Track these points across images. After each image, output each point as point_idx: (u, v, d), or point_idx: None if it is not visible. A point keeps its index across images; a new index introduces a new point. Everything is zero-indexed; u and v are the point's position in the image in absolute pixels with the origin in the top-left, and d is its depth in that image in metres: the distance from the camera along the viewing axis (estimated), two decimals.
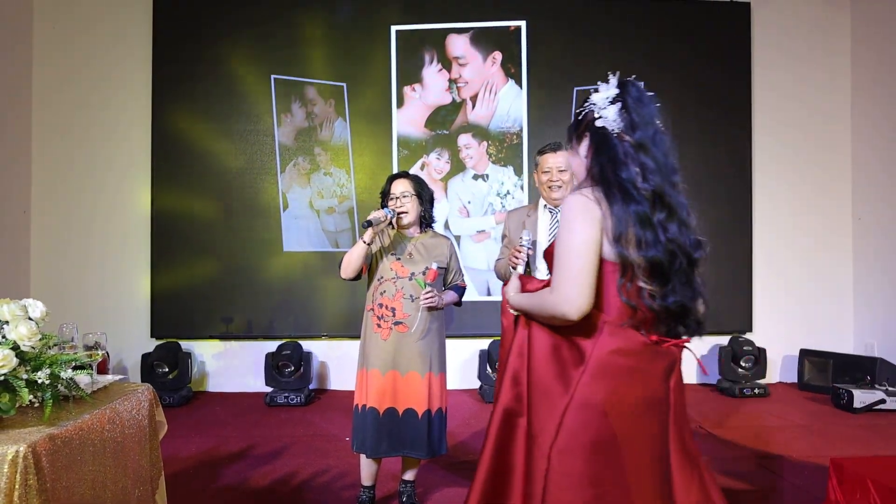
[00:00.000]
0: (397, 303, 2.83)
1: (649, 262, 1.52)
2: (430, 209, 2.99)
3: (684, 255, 1.57)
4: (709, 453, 3.82)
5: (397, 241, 2.93)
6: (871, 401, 4.77)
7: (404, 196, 2.89)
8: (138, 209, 5.52)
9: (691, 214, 1.63)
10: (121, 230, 5.54)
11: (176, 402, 4.97)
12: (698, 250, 1.62)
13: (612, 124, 1.61)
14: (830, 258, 6.00)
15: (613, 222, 1.52)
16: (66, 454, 1.68)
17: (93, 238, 5.52)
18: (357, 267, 2.83)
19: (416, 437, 2.80)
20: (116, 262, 5.54)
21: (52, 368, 1.71)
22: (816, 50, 6.00)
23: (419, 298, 2.83)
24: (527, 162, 5.73)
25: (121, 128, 5.55)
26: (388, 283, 2.86)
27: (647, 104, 1.65)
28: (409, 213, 2.90)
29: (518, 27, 5.76)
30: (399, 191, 2.90)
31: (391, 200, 2.91)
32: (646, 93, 1.67)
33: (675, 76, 5.81)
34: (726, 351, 5.50)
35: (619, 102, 1.63)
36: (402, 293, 2.83)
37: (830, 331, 5.93)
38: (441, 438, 2.89)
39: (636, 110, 1.62)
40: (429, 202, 2.97)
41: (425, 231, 3.00)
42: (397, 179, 2.95)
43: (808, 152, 5.99)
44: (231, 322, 5.52)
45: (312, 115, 5.64)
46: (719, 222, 5.74)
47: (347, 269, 2.83)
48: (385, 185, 2.98)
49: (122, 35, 5.55)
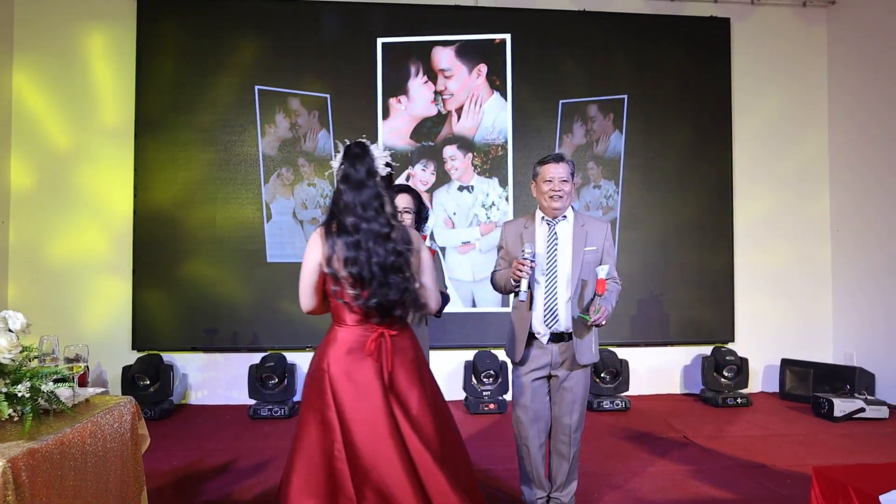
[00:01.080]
0: None
1: (351, 276, 2.06)
2: (423, 225, 2.98)
3: (379, 267, 2.06)
4: (692, 463, 3.85)
5: None
6: (850, 409, 4.83)
7: (406, 211, 2.86)
8: (120, 219, 5.46)
9: (391, 233, 2.10)
10: (102, 240, 5.47)
11: (157, 416, 4.90)
12: (394, 258, 2.08)
13: (336, 176, 2.19)
14: (810, 269, 6.09)
15: (326, 248, 2.09)
16: (45, 469, 1.65)
17: (73, 248, 5.44)
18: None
19: None
20: (97, 273, 5.46)
21: (32, 381, 1.68)
22: (794, 64, 6.12)
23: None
24: (511, 173, 5.76)
25: (103, 138, 5.48)
26: None
27: (362, 160, 2.16)
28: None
29: (503, 40, 5.81)
30: (401, 206, 2.84)
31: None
32: (368, 150, 2.19)
33: (656, 90, 5.90)
34: (709, 361, 5.55)
35: (343, 160, 2.19)
36: None
37: (811, 340, 6.00)
38: None
39: (351, 166, 2.15)
40: (424, 220, 2.97)
41: None
42: (401, 194, 2.88)
43: (786, 165, 6.09)
44: (214, 334, 5.46)
45: (296, 125, 5.63)
46: (700, 234, 5.81)
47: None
48: None
49: (107, 43, 5.50)
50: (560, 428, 2.91)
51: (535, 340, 2.86)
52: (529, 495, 3.00)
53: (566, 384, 2.85)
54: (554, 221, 2.88)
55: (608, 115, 5.89)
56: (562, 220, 2.88)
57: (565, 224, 2.88)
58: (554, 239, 2.86)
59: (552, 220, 2.88)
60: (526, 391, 2.89)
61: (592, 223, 2.91)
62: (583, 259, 2.82)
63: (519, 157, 5.78)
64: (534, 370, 2.87)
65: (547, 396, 2.93)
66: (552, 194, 2.81)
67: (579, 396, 2.87)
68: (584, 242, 2.84)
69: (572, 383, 2.85)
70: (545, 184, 2.83)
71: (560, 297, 2.81)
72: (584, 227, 2.87)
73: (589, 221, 2.91)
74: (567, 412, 2.87)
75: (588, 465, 3.82)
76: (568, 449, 2.90)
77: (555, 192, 2.80)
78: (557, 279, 2.82)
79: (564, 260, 2.83)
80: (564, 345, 2.83)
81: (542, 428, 2.92)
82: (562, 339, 2.83)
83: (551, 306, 2.81)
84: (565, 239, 2.86)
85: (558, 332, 2.83)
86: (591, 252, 2.84)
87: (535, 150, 5.78)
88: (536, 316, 2.83)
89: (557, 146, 5.82)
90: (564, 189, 2.81)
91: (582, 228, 2.87)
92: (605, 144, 5.88)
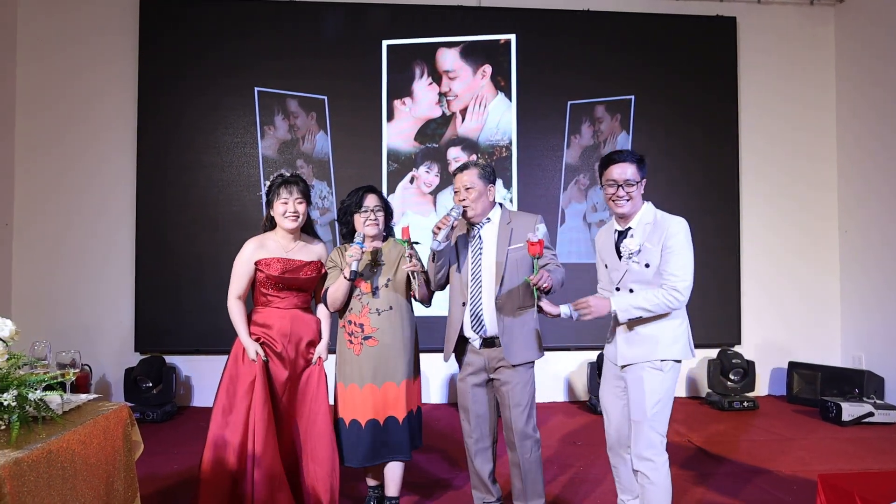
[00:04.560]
0: (364, 318, 2.89)
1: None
2: (390, 221, 3.07)
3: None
4: (696, 468, 3.80)
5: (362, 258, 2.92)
6: (859, 414, 4.77)
7: (377, 210, 2.94)
8: (122, 221, 5.46)
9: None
10: (105, 243, 5.47)
11: (159, 418, 4.90)
12: None
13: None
14: (818, 271, 6.01)
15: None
16: (32, 478, 1.63)
17: (76, 251, 5.45)
18: (343, 301, 2.92)
19: (398, 441, 2.88)
20: (100, 275, 5.46)
21: (19, 390, 1.67)
22: (801, 63, 6.05)
23: (386, 309, 2.87)
24: (516, 175, 5.73)
25: (105, 141, 5.49)
26: (354, 300, 2.92)
27: None
28: (380, 224, 2.94)
29: (508, 41, 5.78)
30: (373, 205, 2.93)
31: (363, 213, 2.91)
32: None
33: (662, 89, 5.85)
34: (715, 364, 5.49)
35: None
36: (368, 308, 2.89)
37: (819, 343, 5.93)
38: (416, 435, 2.98)
39: None
40: (391, 215, 3.06)
41: (386, 241, 3.04)
42: (369, 194, 2.96)
43: (794, 166, 6.02)
44: (217, 336, 5.43)
45: (295, 127, 5.62)
46: (707, 236, 5.73)
47: (335, 304, 2.93)
48: (351, 199, 2.97)
49: (107, 47, 5.50)
50: (507, 433, 2.85)
51: (469, 344, 2.86)
52: (478, 499, 3.00)
53: (504, 388, 2.81)
54: (479, 226, 2.85)
55: (615, 116, 5.84)
56: (486, 222, 2.85)
57: (489, 226, 2.85)
58: (478, 244, 2.84)
59: (475, 225, 2.85)
60: (465, 394, 2.89)
61: (520, 219, 2.85)
62: (507, 258, 2.77)
63: (523, 157, 5.74)
64: (471, 374, 2.87)
65: (489, 399, 2.90)
66: (459, 199, 2.81)
67: (521, 399, 2.77)
68: (508, 241, 2.79)
69: (510, 387, 2.79)
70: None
71: (485, 302, 2.78)
72: (510, 224, 2.83)
73: (517, 218, 2.87)
74: (509, 416, 2.81)
75: (590, 469, 3.78)
76: (517, 456, 2.81)
77: (460, 200, 2.80)
78: (482, 284, 2.79)
79: (489, 263, 2.80)
80: (496, 349, 2.80)
81: (484, 432, 2.90)
82: (493, 344, 2.80)
83: (477, 312, 2.79)
84: (489, 241, 2.83)
85: (487, 337, 2.80)
86: (516, 250, 2.77)
87: (539, 151, 5.75)
88: (466, 321, 2.82)
89: (566, 147, 5.78)
90: (470, 196, 2.77)
91: (507, 226, 2.82)
92: (613, 144, 5.84)
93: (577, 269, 5.19)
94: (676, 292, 2.49)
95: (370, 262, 2.93)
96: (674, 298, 2.49)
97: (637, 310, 2.50)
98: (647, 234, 2.55)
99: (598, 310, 2.51)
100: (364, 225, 2.90)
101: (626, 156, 2.60)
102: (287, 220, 2.93)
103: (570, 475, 3.69)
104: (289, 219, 2.93)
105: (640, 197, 2.60)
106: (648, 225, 2.56)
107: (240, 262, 2.94)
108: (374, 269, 2.91)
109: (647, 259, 2.54)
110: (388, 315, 2.88)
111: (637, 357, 2.57)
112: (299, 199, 2.94)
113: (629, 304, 2.51)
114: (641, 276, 2.55)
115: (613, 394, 2.71)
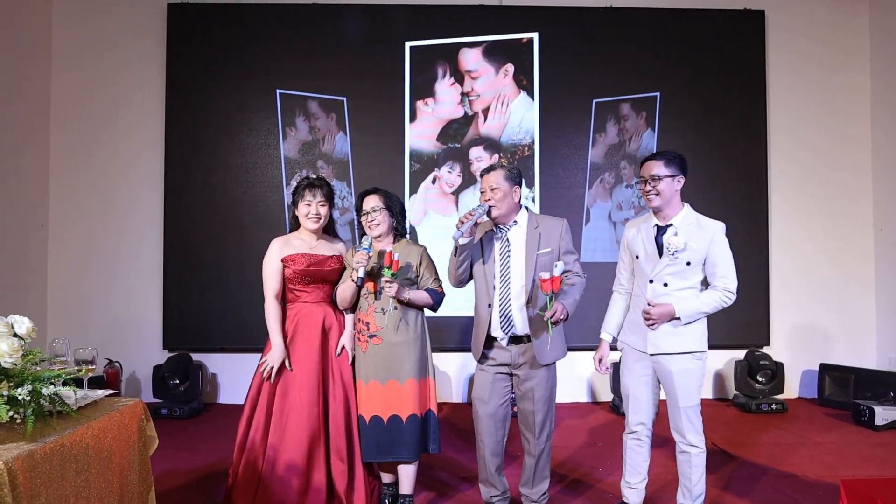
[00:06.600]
0: (370, 317, 2.97)
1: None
2: (403, 220, 3.10)
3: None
4: (717, 470, 3.73)
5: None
6: (893, 417, 4.63)
7: (374, 210, 2.99)
8: (151, 222, 5.60)
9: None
10: (135, 243, 5.62)
11: (186, 415, 5.01)
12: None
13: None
14: (851, 270, 5.84)
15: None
16: (45, 470, 1.69)
17: (108, 251, 5.61)
18: (351, 301, 3.05)
19: (403, 441, 2.91)
20: (130, 275, 5.61)
21: (34, 385, 1.73)
22: (833, 56, 5.88)
23: (391, 308, 2.91)
24: (538, 174, 5.70)
25: (135, 144, 5.64)
26: (362, 298, 3.02)
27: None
28: (381, 224, 3.00)
29: (530, 39, 5.75)
30: (369, 206, 3.00)
31: (363, 216, 3.01)
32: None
33: (688, 86, 5.75)
34: (742, 365, 5.38)
35: None
36: (374, 307, 2.97)
37: (852, 344, 5.76)
38: (431, 439, 3.00)
39: None
40: (400, 213, 3.08)
41: (398, 242, 3.07)
42: (367, 196, 3.04)
43: (826, 161, 5.85)
44: (243, 334, 5.54)
45: (315, 128, 5.69)
46: (734, 234, 5.52)
47: (342, 304, 3.07)
48: (356, 202, 3.09)
49: (136, 51, 5.65)
50: (525, 426, 2.94)
51: (496, 342, 2.90)
52: (485, 493, 3.03)
53: (527, 384, 2.87)
54: (505, 228, 2.88)
55: (640, 114, 5.77)
56: (513, 225, 2.89)
57: (517, 229, 2.89)
58: (506, 246, 2.87)
59: (502, 227, 2.89)
60: (484, 386, 2.93)
61: (547, 224, 2.89)
62: (536, 263, 2.81)
63: (545, 157, 5.71)
64: (493, 366, 2.91)
65: (507, 393, 2.94)
66: (484, 199, 2.85)
67: (542, 396, 2.87)
68: (537, 246, 2.84)
69: (534, 383, 2.86)
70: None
71: (514, 303, 2.84)
72: (538, 229, 2.86)
73: (544, 222, 2.90)
74: (530, 412, 2.88)
75: (608, 469, 3.75)
76: (533, 447, 2.92)
77: (486, 200, 2.84)
78: (511, 286, 2.84)
79: (517, 265, 2.84)
80: (524, 346, 2.85)
81: (498, 424, 2.93)
82: (521, 342, 2.86)
83: (506, 312, 2.84)
84: (518, 244, 2.87)
85: (515, 336, 2.85)
86: (545, 255, 2.82)
87: (562, 150, 5.71)
88: (494, 321, 2.86)
89: (591, 145, 5.74)
90: (495, 196, 2.81)
91: (535, 231, 2.86)
92: (638, 143, 5.77)
93: (601, 267, 5.16)
94: (729, 293, 2.77)
95: (377, 263, 2.96)
96: (728, 299, 2.78)
97: (699, 314, 2.78)
98: (691, 234, 2.75)
99: (663, 317, 2.76)
100: (366, 227, 3.00)
101: (657, 155, 2.82)
102: (309, 221, 3.06)
103: (590, 474, 3.67)
104: (311, 220, 3.05)
105: (671, 192, 2.76)
106: (692, 225, 2.77)
107: (268, 260, 3.07)
108: (381, 270, 2.94)
109: (689, 257, 2.75)
110: (393, 314, 2.92)
111: (674, 347, 2.79)
112: (322, 202, 3.06)
113: (694, 309, 2.76)
114: (679, 272, 2.76)
115: (642, 381, 2.91)
